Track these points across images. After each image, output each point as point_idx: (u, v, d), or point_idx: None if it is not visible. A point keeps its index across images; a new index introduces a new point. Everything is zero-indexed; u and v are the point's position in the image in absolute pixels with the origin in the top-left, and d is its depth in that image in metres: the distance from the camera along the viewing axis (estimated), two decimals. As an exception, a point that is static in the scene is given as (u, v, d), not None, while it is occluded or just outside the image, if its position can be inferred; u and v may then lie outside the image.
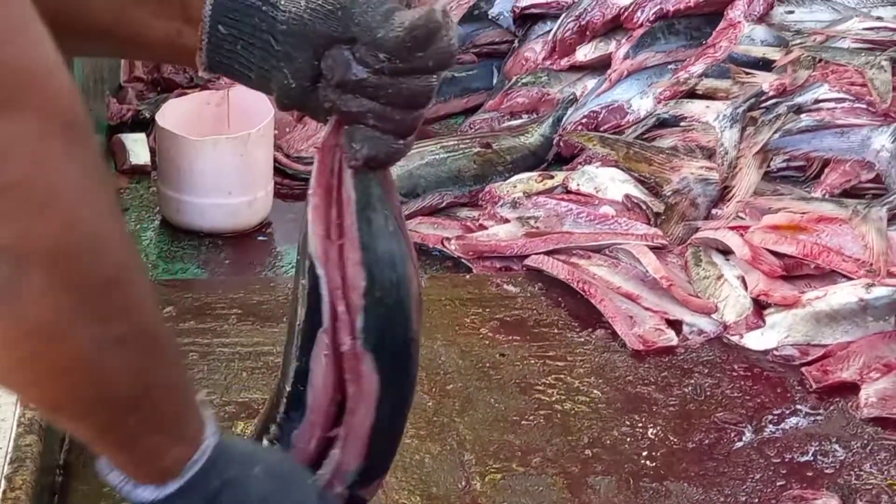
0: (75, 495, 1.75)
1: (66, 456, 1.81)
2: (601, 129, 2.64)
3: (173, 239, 2.37)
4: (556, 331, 2.15)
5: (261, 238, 2.35)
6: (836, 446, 1.91)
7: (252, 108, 2.52)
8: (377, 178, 1.15)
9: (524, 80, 2.83)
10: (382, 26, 1.02)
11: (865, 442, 1.92)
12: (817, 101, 2.44)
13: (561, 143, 2.65)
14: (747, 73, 2.57)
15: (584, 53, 2.81)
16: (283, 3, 1.06)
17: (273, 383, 1.97)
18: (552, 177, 2.51)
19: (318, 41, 1.05)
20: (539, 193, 2.45)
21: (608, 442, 1.89)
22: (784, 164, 2.45)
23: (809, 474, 1.85)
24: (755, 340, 2.13)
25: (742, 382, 2.04)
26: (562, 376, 2.03)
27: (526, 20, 2.98)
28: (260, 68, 1.08)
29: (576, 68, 2.82)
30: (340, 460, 1.24)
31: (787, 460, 1.88)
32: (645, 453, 1.88)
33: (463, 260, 2.34)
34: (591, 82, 2.77)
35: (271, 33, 1.06)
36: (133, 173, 2.63)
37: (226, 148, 2.41)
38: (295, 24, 1.05)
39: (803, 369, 2.07)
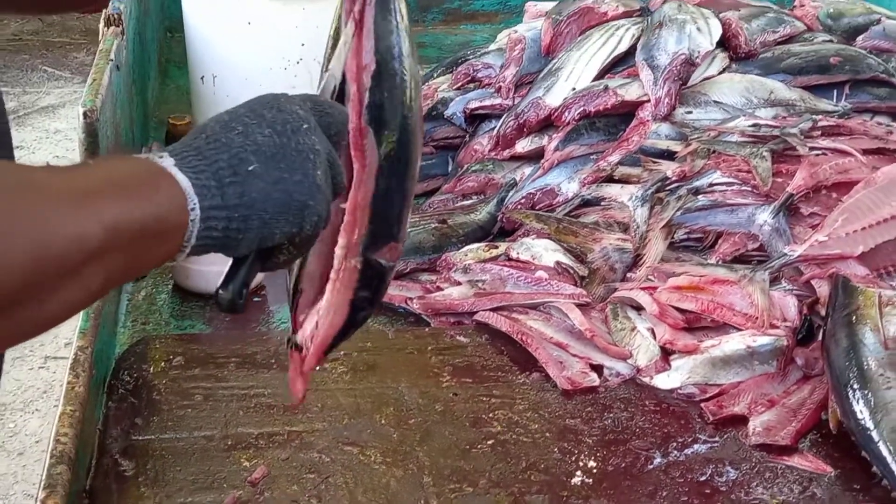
0: (98, 516, 1.72)
1: (92, 482, 1.80)
2: (536, 207, 2.63)
3: (183, 300, 2.35)
4: (500, 374, 2.14)
5: (256, 299, 2.34)
6: (729, 468, 1.91)
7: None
8: None
9: (474, 168, 2.81)
10: None
11: (753, 464, 1.93)
12: (711, 185, 2.45)
13: (504, 220, 2.64)
14: (654, 162, 2.57)
15: (523, 146, 2.80)
16: None
17: (265, 421, 1.98)
18: (497, 247, 2.50)
19: None
20: (486, 261, 2.44)
21: (542, 466, 1.89)
22: (685, 236, 2.45)
23: (707, 492, 1.86)
24: (663, 381, 2.12)
25: (652, 416, 2.04)
26: (504, 411, 2.02)
27: (475, 119, 2.97)
28: None
29: (515, 158, 2.81)
30: (350, 231, 1.22)
31: (689, 480, 1.88)
32: (573, 475, 1.88)
33: (423, 316, 2.33)
34: (528, 169, 2.76)
35: None
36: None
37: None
38: None
39: (702, 405, 2.07)
